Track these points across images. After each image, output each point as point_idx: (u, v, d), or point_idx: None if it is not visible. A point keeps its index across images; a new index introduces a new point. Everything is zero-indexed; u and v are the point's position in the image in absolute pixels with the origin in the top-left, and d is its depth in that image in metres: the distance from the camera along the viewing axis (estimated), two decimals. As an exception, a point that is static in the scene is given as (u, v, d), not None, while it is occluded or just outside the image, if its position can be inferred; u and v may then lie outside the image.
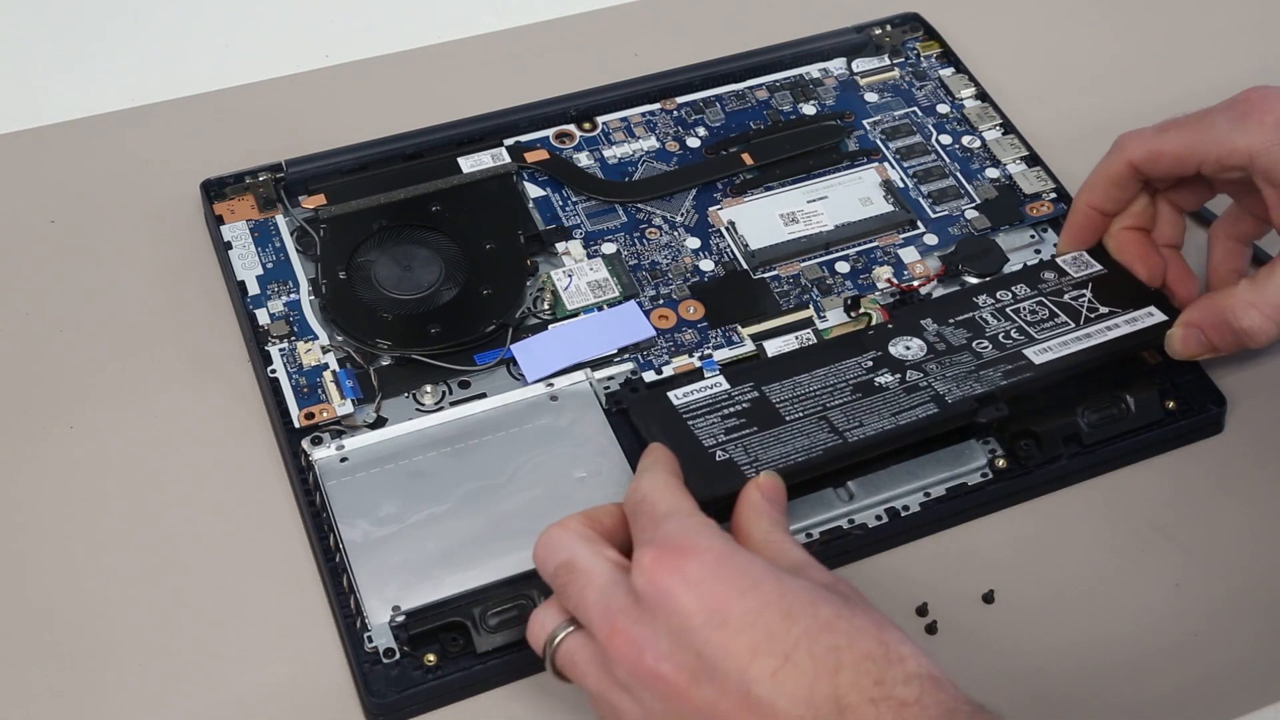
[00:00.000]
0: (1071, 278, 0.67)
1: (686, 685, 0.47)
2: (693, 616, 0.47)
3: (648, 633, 0.48)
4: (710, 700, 0.46)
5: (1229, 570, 0.61)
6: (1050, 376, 0.62)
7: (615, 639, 0.48)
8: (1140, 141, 0.64)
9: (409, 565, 0.58)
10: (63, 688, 0.56)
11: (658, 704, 0.48)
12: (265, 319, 0.66)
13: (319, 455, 0.61)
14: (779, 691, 0.46)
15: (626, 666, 0.48)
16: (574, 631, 0.51)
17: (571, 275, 0.68)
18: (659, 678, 0.47)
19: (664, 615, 0.47)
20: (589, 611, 0.50)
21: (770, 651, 0.46)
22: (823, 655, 0.46)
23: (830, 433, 0.60)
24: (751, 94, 0.77)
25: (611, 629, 0.49)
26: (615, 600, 0.49)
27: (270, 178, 0.71)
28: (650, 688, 0.48)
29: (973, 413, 0.61)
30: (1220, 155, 0.61)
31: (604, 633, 0.49)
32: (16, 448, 0.63)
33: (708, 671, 0.46)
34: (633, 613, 0.48)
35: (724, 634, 0.46)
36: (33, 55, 0.81)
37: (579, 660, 0.51)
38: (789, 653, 0.46)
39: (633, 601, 0.48)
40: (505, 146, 0.73)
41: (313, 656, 0.57)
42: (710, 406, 0.62)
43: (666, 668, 0.47)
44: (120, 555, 0.60)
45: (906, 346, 0.64)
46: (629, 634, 0.48)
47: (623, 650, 0.48)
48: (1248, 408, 0.66)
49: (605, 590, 0.49)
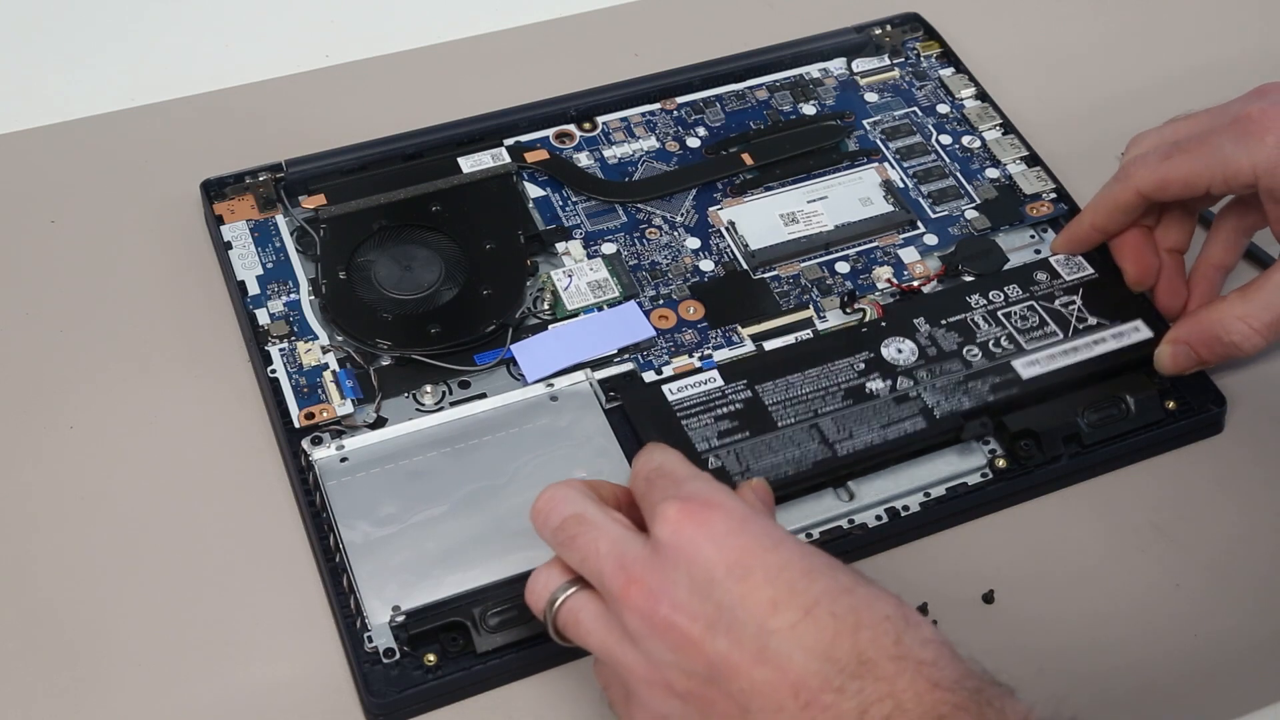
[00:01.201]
0: (1064, 280, 0.68)
1: (701, 636, 0.46)
2: (715, 568, 0.47)
3: (666, 582, 0.47)
4: (724, 652, 0.46)
5: (1229, 570, 0.61)
6: (1036, 394, 0.63)
7: (631, 588, 0.48)
8: (1147, 170, 0.64)
9: (409, 565, 0.58)
10: (63, 688, 0.56)
11: (668, 655, 0.47)
12: (265, 319, 0.66)
13: (319, 455, 0.61)
14: (797, 644, 0.45)
15: (640, 616, 0.47)
16: (578, 590, 0.50)
17: (571, 275, 0.68)
18: (673, 627, 0.47)
19: (685, 565, 0.47)
20: (601, 562, 0.49)
21: (791, 605, 0.46)
22: (843, 613, 0.46)
23: (820, 443, 0.61)
24: (751, 94, 0.77)
25: (628, 578, 0.48)
26: (630, 551, 0.48)
27: (270, 178, 0.71)
28: (663, 637, 0.47)
29: (958, 429, 0.62)
30: (1227, 177, 0.61)
31: (618, 582, 0.48)
32: (16, 448, 0.63)
33: (725, 623, 0.46)
34: (651, 562, 0.48)
35: (745, 585, 0.46)
36: (33, 55, 0.81)
37: (583, 618, 0.50)
38: (809, 608, 0.46)
39: (650, 552, 0.48)
40: (505, 146, 0.73)
41: (313, 656, 0.57)
42: (704, 405, 0.62)
43: (682, 617, 0.47)
44: (120, 555, 0.60)
45: (899, 349, 0.65)
46: (645, 582, 0.47)
47: (638, 599, 0.47)
48: (1248, 408, 0.66)
49: (618, 541, 0.49)
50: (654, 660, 0.47)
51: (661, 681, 0.48)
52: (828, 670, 0.45)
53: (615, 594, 0.48)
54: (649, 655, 0.48)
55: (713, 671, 0.46)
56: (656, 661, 0.47)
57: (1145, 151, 0.65)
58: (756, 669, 0.45)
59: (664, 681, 0.47)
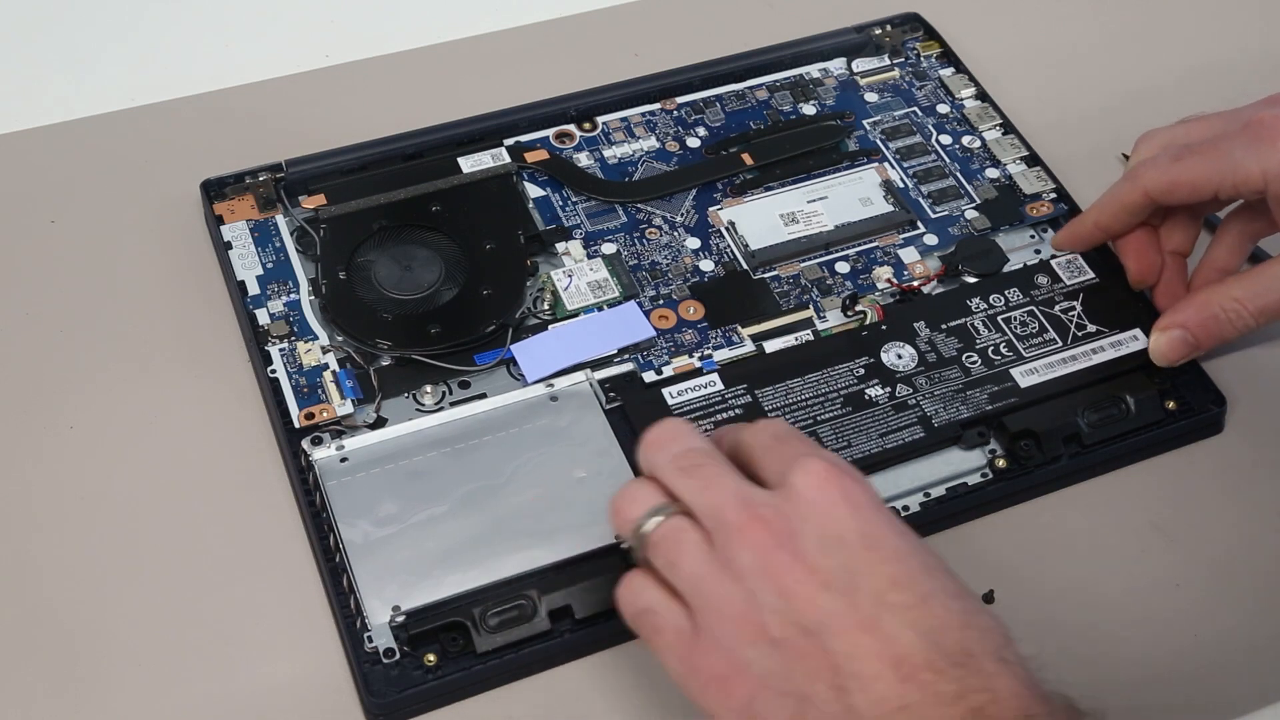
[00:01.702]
0: (1064, 284, 0.68)
1: (816, 589, 0.47)
2: (848, 530, 0.47)
3: (793, 529, 0.48)
4: (835, 610, 0.46)
5: (1229, 570, 0.61)
6: (1034, 403, 0.64)
7: (755, 524, 0.48)
8: (1156, 172, 0.63)
9: (409, 565, 0.58)
10: (63, 688, 0.56)
11: (772, 598, 0.47)
12: (265, 319, 0.66)
13: (319, 455, 0.61)
14: (908, 625, 0.46)
15: (757, 553, 0.48)
16: (681, 513, 0.50)
17: (571, 275, 0.68)
18: (790, 572, 0.47)
19: (818, 519, 0.48)
20: (723, 494, 0.49)
21: (909, 588, 0.47)
22: (955, 611, 0.47)
23: None
24: (751, 94, 0.77)
25: (751, 515, 0.48)
26: (756, 493, 0.49)
27: (270, 178, 0.71)
28: (775, 579, 0.47)
29: (957, 438, 0.62)
30: (1236, 182, 0.61)
31: (741, 516, 0.48)
32: (16, 448, 0.63)
33: (843, 584, 0.47)
34: (781, 508, 0.48)
35: (872, 556, 0.47)
36: (33, 55, 0.80)
37: (685, 540, 0.49)
38: (925, 596, 0.47)
39: (781, 499, 0.48)
40: (505, 146, 0.73)
41: (313, 656, 0.57)
42: (704, 410, 0.62)
43: (802, 566, 0.47)
44: (120, 555, 0.60)
45: (898, 354, 0.65)
46: (770, 523, 0.48)
47: (760, 537, 0.48)
48: (1248, 408, 0.66)
49: (743, 481, 0.50)
50: (755, 600, 0.47)
51: (755, 622, 0.47)
52: (933, 653, 0.46)
53: (734, 526, 0.48)
54: (751, 594, 0.47)
55: (817, 625, 0.46)
56: (757, 602, 0.47)
57: (1155, 154, 0.65)
58: (863, 635, 0.46)
59: (758, 623, 0.47)
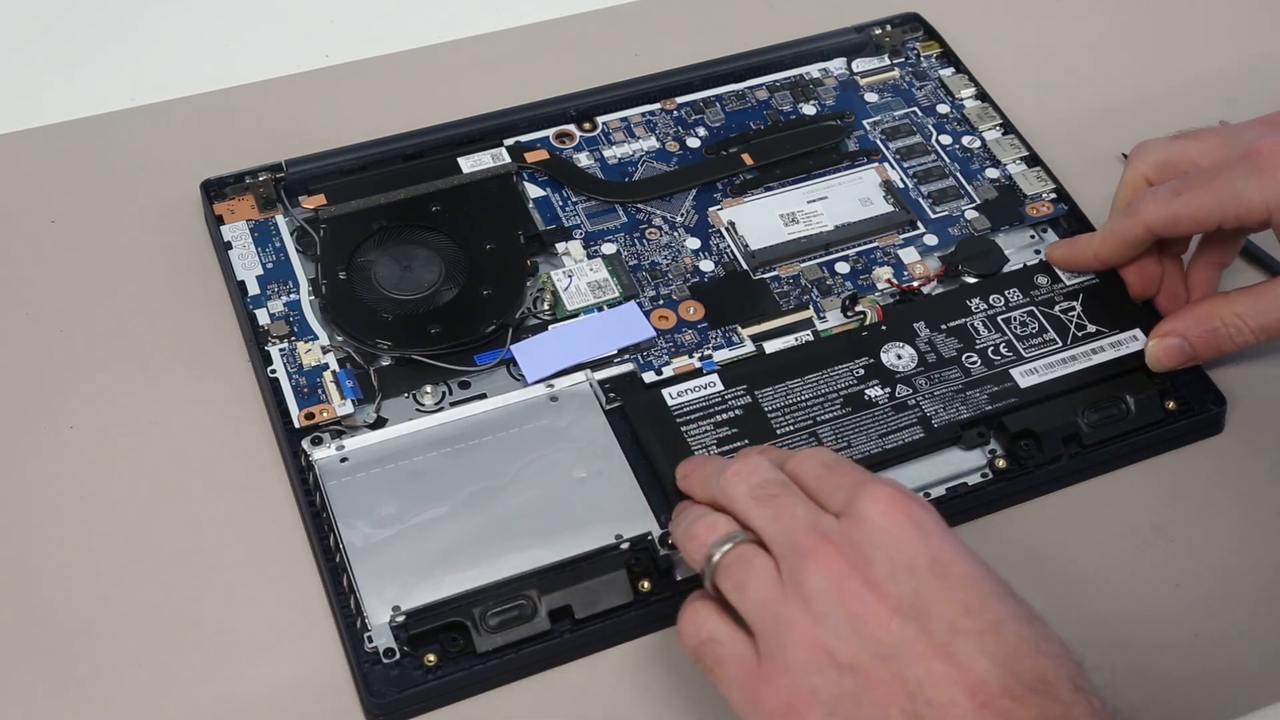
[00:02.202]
0: (1064, 285, 0.68)
1: (889, 616, 0.47)
2: (919, 557, 0.47)
3: (864, 555, 0.48)
4: (909, 637, 0.46)
5: (1229, 570, 0.61)
6: (1033, 403, 0.64)
7: (827, 549, 0.48)
8: (1157, 206, 0.63)
9: (409, 565, 0.58)
10: (62, 688, 0.56)
11: (841, 625, 0.47)
12: (265, 319, 0.66)
13: (319, 455, 0.61)
14: (982, 650, 0.46)
15: (829, 578, 0.47)
16: (751, 540, 0.51)
17: (571, 275, 0.68)
18: (862, 598, 0.47)
19: (888, 546, 0.48)
20: (796, 522, 0.49)
21: (982, 615, 0.47)
22: (1028, 637, 0.47)
23: None
24: (751, 94, 0.77)
25: (823, 539, 0.48)
26: (826, 521, 0.49)
27: (270, 178, 0.71)
28: (847, 605, 0.47)
29: (956, 439, 0.63)
30: (1240, 214, 0.61)
31: (811, 541, 0.48)
32: (16, 448, 0.63)
33: (917, 611, 0.47)
34: (851, 535, 0.48)
35: (944, 584, 0.47)
36: (33, 55, 0.80)
37: (756, 566, 0.49)
38: (998, 624, 0.47)
39: (850, 526, 0.49)
40: (505, 146, 0.73)
41: (313, 656, 0.57)
42: (704, 410, 0.62)
43: (874, 592, 0.47)
44: (120, 555, 0.60)
45: (898, 355, 0.65)
46: (843, 550, 0.48)
47: (832, 562, 0.48)
48: (1248, 408, 0.66)
49: (815, 510, 0.50)
50: (826, 625, 0.47)
51: (825, 648, 0.47)
52: (1009, 679, 0.45)
53: (806, 551, 0.48)
54: (821, 619, 0.47)
55: (891, 651, 0.46)
56: (829, 628, 0.47)
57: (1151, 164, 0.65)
58: (937, 662, 0.46)
59: (828, 649, 0.47)
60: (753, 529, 0.51)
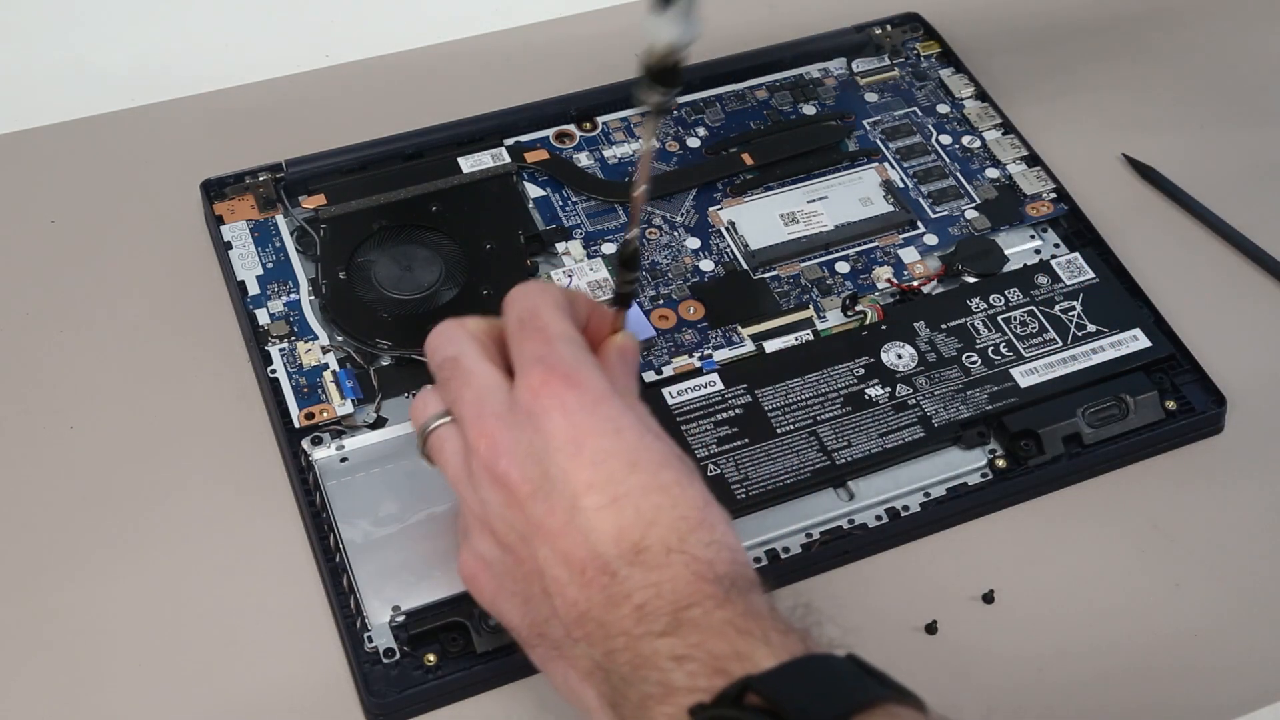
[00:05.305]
0: (1064, 284, 0.68)
1: (526, 496, 0.49)
2: (554, 438, 0.49)
3: (510, 440, 0.50)
4: (539, 517, 0.49)
5: (1229, 570, 0.61)
6: (1034, 403, 0.64)
7: (480, 439, 0.50)
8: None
9: (409, 565, 0.58)
10: (63, 688, 0.56)
11: (496, 506, 0.50)
12: (265, 319, 0.66)
13: (319, 455, 0.61)
14: (593, 526, 0.48)
15: (482, 465, 0.50)
16: (449, 422, 0.53)
17: (571, 275, 0.68)
18: (505, 482, 0.50)
19: (530, 430, 0.50)
20: (463, 408, 0.52)
21: (603, 490, 0.48)
22: (646, 510, 0.48)
23: (819, 451, 0.62)
24: (751, 94, 0.77)
25: (479, 429, 0.51)
26: (489, 404, 0.51)
27: (270, 178, 0.71)
28: (495, 489, 0.50)
29: (956, 438, 0.63)
30: None
31: (471, 432, 0.51)
32: (16, 448, 0.63)
33: (546, 490, 0.49)
34: (505, 418, 0.50)
35: (572, 463, 0.49)
36: (33, 55, 0.80)
37: (446, 449, 0.53)
38: (618, 497, 0.48)
39: (507, 409, 0.50)
40: (505, 146, 0.73)
41: (313, 656, 0.57)
42: (704, 410, 0.62)
43: (515, 475, 0.49)
44: (120, 555, 0.60)
45: (898, 354, 0.65)
46: (493, 436, 0.50)
47: (482, 449, 0.50)
48: (1248, 408, 0.66)
49: (482, 392, 0.51)
50: (488, 507, 0.51)
51: (490, 527, 0.51)
52: (610, 555, 0.48)
53: (468, 441, 0.51)
54: (485, 501, 0.51)
55: (528, 531, 0.49)
56: (489, 509, 0.51)
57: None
58: (559, 539, 0.48)
59: (492, 527, 0.51)
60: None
